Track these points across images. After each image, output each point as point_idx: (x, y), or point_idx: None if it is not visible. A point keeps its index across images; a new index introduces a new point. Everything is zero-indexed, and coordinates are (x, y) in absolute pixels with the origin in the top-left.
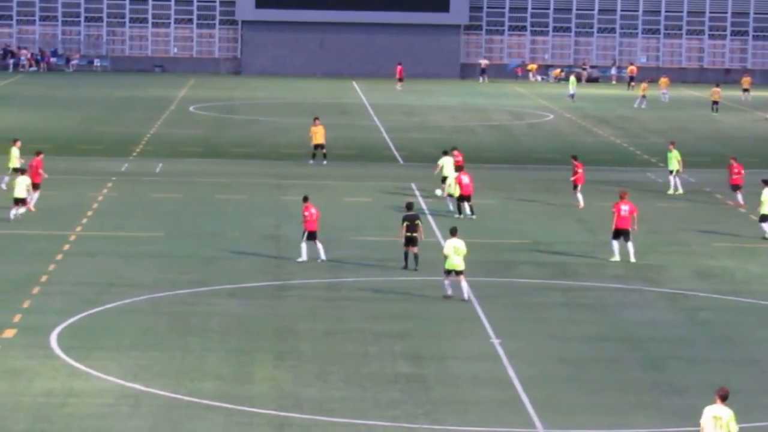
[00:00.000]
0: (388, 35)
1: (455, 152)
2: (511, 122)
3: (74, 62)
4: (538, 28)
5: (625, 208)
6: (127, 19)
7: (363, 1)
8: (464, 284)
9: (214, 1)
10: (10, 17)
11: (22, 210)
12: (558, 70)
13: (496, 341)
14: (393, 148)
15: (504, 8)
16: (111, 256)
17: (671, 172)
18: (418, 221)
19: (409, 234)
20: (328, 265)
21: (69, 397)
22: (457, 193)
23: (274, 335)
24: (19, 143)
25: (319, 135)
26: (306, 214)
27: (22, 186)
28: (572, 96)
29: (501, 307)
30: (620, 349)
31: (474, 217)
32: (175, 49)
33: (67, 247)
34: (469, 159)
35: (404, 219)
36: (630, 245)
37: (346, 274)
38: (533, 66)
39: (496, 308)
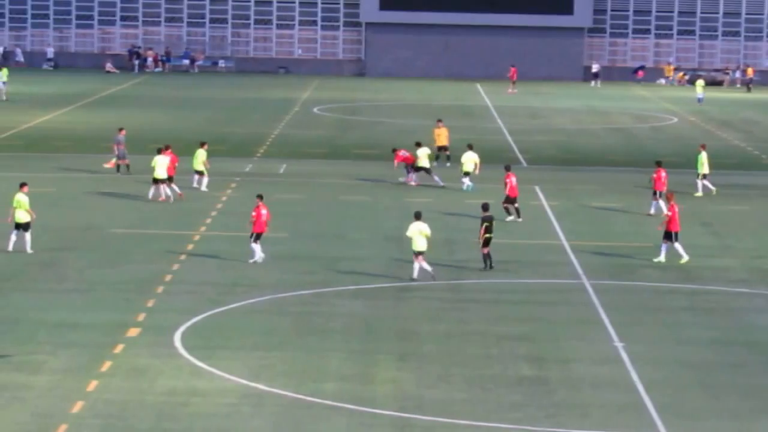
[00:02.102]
0: (512, 37)
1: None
2: (634, 125)
3: (199, 63)
4: (662, 31)
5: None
6: (251, 21)
7: (487, 3)
8: (424, 264)
9: (338, 3)
10: (135, 18)
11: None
12: (681, 74)
13: (619, 345)
14: (516, 150)
15: (628, 11)
16: (234, 256)
17: (701, 175)
18: (493, 222)
19: (488, 235)
20: (451, 267)
21: (192, 396)
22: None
23: (396, 336)
24: (206, 146)
25: (442, 137)
26: (254, 214)
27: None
28: (700, 100)
29: (624, 311)
30: (745, 353)
31: (520, 220)
32: (299, 51)
33: (191, 247)
34: (591, 161)
35: (484, 220)
36: (678, 245)
37: (469, 275)
38: (670, 69)
39: (619, 312)
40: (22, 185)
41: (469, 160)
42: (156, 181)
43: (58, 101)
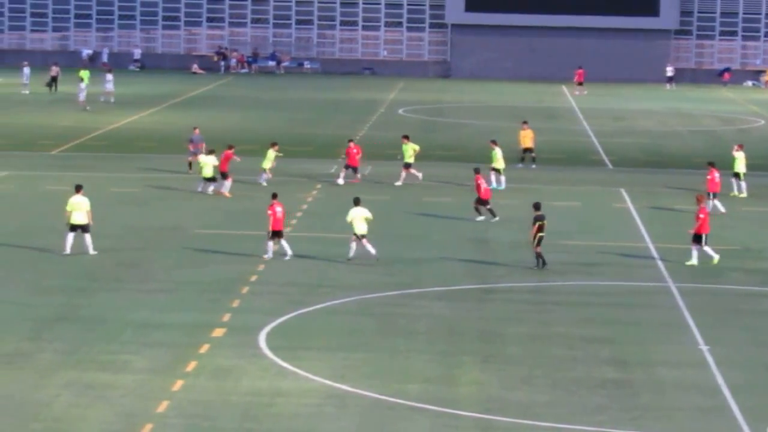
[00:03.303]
0: (597, 39)
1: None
2: (720, 128)
3: (284, 64)
4: (749, 33)
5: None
6: (337, 22)
7: (572, 5)
8: (369, 246)
9: (424, 4)
10: (222, 19)
11: (211, 188)
12: None
13: (704, 348)
14: (602, 152)
15: (715, 13)
16: (319, 256)
17: (737, 175)
18: (545, 221)
19: (541, 234)
20: (534, 269)
21: (276, 396)
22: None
23: (480, 338)
24: (276, 146)
25: (527, 139)
26: (269, 212)
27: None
28: None
29: (710, 314)
30: None
31: (496, 218)
32: (385, 52)
33: (276, 247)
34: (676, 164)
35: (537, 219)
36: (707, 247)
37: (553, 277)
38: None
39: (704, 315)
40: (78, 188)
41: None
42: (207, 180)
43: (144, 102)
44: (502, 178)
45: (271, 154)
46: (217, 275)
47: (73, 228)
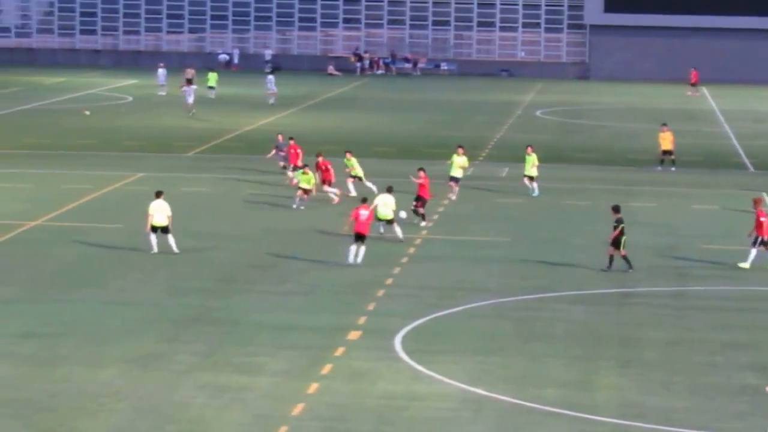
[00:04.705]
0: (738, 40)
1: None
2: None
3: (421, 66)
4: None
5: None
6: (474, 23)
7: (713, 5)
8: (397, 228)
9: (562, 5)
10: (358, 21)
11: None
12: None
13: None
14: (743, 155)
15: None
16: (455, 260)
17: None
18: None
19: (624, 237)
20: (674, 273)
21: (411, 400)
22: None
23: (618, 343)
24: (461, 150)
25: (667, 141)
26: (353, 214)
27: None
28: None
29: None
30: None
31: (423, 224)
32: (522, 53)
33: (412, 250)
34: None
35: (620, 222)
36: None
37: (693, 282)
38: None
39: None
40: (158, 193)
41: (529, 162)
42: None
43: (280, 104)
44: (533, 184)
45: (459, 159)
46: (353, 278)
47: (154, 229)
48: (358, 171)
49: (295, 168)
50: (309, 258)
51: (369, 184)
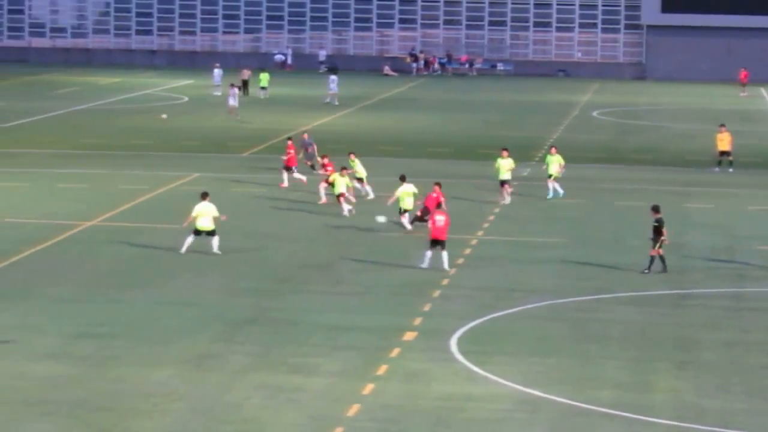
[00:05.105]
0: None
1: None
2: None
3: (477, 66)
4: None
5: None
6: (530, 23)
7: None
8: (405, 221)
9: (619, 5)
10: (414, 21)
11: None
12: None
13: None
14: None
15: None
16: (512, 261)
17: None
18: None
19: (663, 238)
20: (733, 274)
21: (467, 401)
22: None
23: (674, 344)
24: (506, 152)
25: (725, 142)
26: (430, 221)
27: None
28: None
29: None
30: None
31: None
32: (579, 54)
33: (468, 251)
34: None
35: (660, 222)
36: None
37: (750, 283)
38: None
39: None
40: (204, 195)
41: (554, 162)
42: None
43: (336, 104)
44: (555, 185)
45: (504, 162)
46: (408, 278)
47: (198, 232)
48: (361, 173)
49: (289, 169)
50: (364, 258)
51: (368, 189)
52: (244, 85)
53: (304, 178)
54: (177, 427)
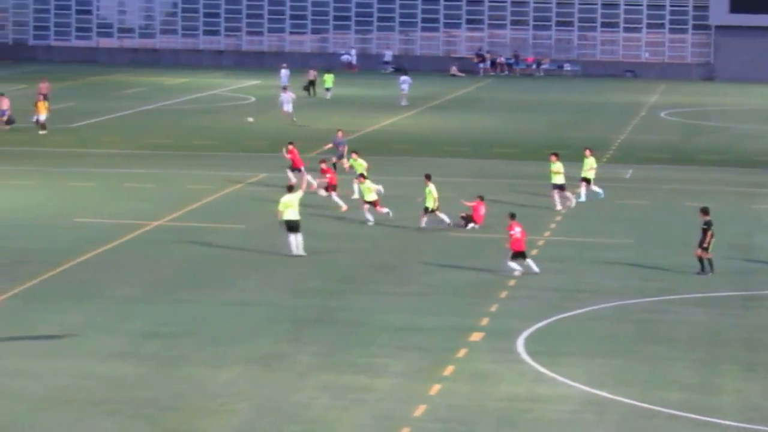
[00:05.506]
0: None
1: None
2: None
3: (544, 66)
4: None
5: None
6: (598, 24)
7: None
8: (442, 215)
9: (687, 6)
10: (481, 21)
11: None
12: None
13: None
14: None
15: None
16: (578, 262)
17: None
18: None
19: (713, 239)
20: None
21: (534, 402)
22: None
23: (743, 346)
24: (554, 157)
25: None
26: (511, 232)
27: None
28: None
29: None
30: None
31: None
32: (647, 54)
33: (535, 252)
34: None
35: (709, 224)
36: None
37: None
38: None
39: None
40: (290, 188)
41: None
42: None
43: (403, 104)
44: (592, 188)
45: (554, 166)
46: (474, 279)
47: (290, 227)
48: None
49: (295, 169)
50: (430, 259)
51: (356, 188)
52: (311, 85)
53: (308, 178)
54: (244, 427)
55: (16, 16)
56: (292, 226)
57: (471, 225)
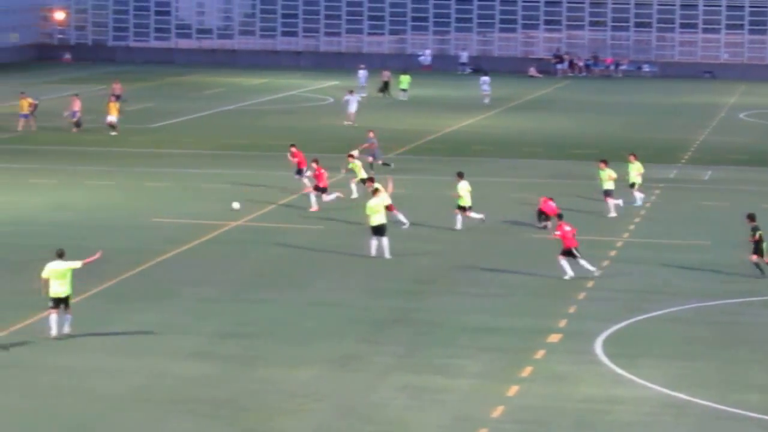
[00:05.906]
0: None
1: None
2: None
3: (623, 67)
4: None
5: None
6: (676, 25)
7: None
8: (474, 215)
9: (767, 6)
10: (559, 22)
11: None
12: None
13: None
14: None
15: None
16: (657, 263)
17: None
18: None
19: (765, 243)
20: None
21: (612, 404)
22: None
23: None
24: (603, 164)
25: None
26: (558, 233)
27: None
28: None
29: None
30: None
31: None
32: (726, 55)
33: (613, 253)
34: None
35: (756, 229)
36: None
37: None
38: None
39: None
40: (375, 191)
41: (634, 170)
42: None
43: (480, 105)
44: (638, 194)
45: (603, 173)
46: (552, 280)
47: (376, 231)
48: (361, 174)
49: (300, 172)
50: (507, 260)
51: (353, 188)
52: (385, 86)
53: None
54: (321, 427)
55: (96, 17)
56: (379, 230)
57: (545, 223)
